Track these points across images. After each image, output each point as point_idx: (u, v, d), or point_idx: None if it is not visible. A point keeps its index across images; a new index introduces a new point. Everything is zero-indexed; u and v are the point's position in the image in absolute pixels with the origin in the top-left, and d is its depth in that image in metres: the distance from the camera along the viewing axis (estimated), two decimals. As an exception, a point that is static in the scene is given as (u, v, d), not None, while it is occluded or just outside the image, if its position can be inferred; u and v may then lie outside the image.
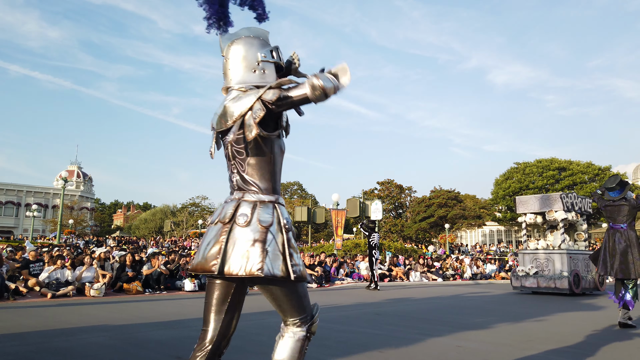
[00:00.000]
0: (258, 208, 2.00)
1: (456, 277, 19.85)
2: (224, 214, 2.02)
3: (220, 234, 1.97)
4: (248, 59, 2.15)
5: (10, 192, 56.90)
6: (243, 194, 2.06)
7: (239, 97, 2.05)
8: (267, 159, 2.07)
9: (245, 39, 2.19)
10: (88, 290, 9.96)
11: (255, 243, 1.92)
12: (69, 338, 5.06)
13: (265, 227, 1.96)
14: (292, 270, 1.94)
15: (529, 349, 4.68)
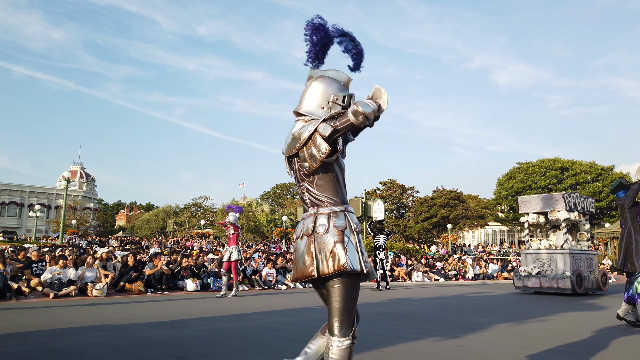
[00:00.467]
0: (332, 217, 2.38)
1: (458, 277, 19.82)
2: (306, 227, 2.43)
3: (309, 245, 2.37)
4: (323, 95, 2.48)
5: (13, 193, 57.08)
6: (317, 208, 2.44)
7: (303, 127, 2.41)
8: (331, 178, 2.43)
9: (328, 79, 2.54)
10: (90, 290, 9.98)
11: (336, 244, 2.29)
12: (71, 338, 5.06)
13: (341, 231, 2.33)
14: (364, 266, 2.30)
15: (531, 349, 4.67)
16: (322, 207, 2.42)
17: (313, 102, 2.49)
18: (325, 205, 2.42)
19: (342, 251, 2.27)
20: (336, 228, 2.34)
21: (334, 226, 2.34)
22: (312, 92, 2.50)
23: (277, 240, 39.30)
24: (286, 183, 68.14)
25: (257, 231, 45.01)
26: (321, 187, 2.43)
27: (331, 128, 2.27)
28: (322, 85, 2.50)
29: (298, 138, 2.39)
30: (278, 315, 7.23)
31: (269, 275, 13.64)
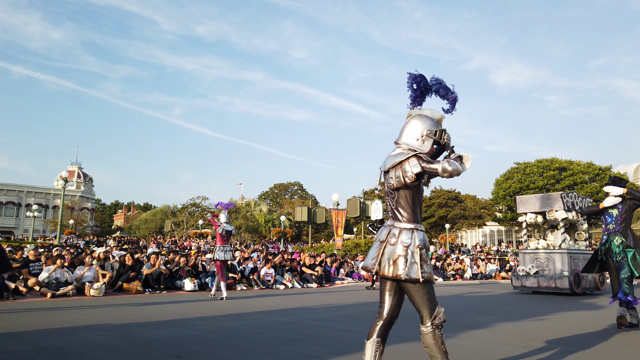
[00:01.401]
0: (402, 233, 2.90)
1: (457, 277, 19.83)
2: (381, 235, 2.99)
3: (379, 248, 2.94)
4: (418, 130, 3.00)
5: (10, 193, 56.92)
6: (394, 222, 2.97)
7: (399, 153, 2.97)
8: (410, 198, 2.94)
9: (424, 116, 3.05)
10: (88, 289, 9.95)
11: (399, 257, 2.84)
12: (68, 337, 5.04)
13: (406, 247, 2.85)
14: (422, 275, 2.82)
15: (529, 347, 4.67)
16: (397, 222, 2.95)
17: (410, 135, 3.01)
18: (399, 221, 2.95)
19: (403, 264, 2.81)
20: (402, 243, 2.86)
21: (401, 241, 2.87)
22: (410, 126, 3.04)
23: (275, 240, 39.27)
24: (284, 183, 68.11)
25: (255, 231, 44.98)
26: (400, 204, 2.95)
27: (420, 169, 2.83)
28: (418, 122, 3.02)
29: (393, 160, 2.95)
30: (276, 315, 7.21)
31: (267, 275, 13.63)
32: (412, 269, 2.81)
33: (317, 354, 4.32)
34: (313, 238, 40.69)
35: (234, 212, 43.40)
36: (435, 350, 2.86)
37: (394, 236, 2.91)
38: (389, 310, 2.98)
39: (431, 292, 2.90)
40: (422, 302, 2.87)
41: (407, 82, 3.15)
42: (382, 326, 2.96)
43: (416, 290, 2.86)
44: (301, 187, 68.13)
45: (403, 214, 2.95)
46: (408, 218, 2.94)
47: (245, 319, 6.73)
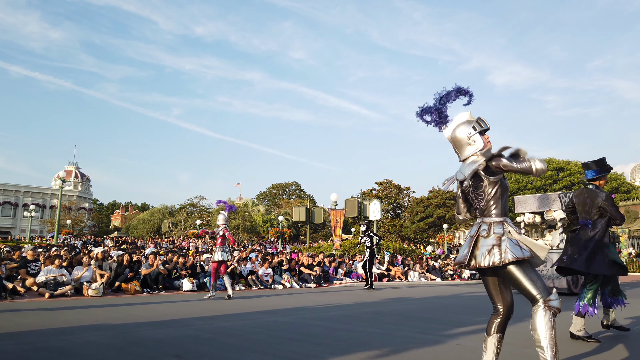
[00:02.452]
0: (493, 225, 3.06)
1: (455, 277, 19.85)
2: (472, 231, 3.16)
3: (470, 243, 3.10)
4: (462, 141, 3.24)
5: (7, 193, 56.76)
6: (483, 218, 3.13)
7: (472, 162, 3.16)
8: (496, 195, 3.10)
9: (456, 128, 3.27)
10: (86, 290, 9.92)
11: (494, 247, 2.97)
12: (66, 337, 5.02)
13: (499, 236, 2.99)
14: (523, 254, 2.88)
15: (529, 347, 4.67)
16: (486, 217, 3.11)
17: (462, 148, 3.25)
18: (488, 216, 3.10)
19: (498, 252, 2.93)
20: (495, 234, 3.01)
21: (493, 232, 3.03)
22: (456, 143, 3.28)
23: (273, 240, 39.25)
24: (282, 183, 68.08)
25: (253, 231, 44.95)
26: (488, 201, 3.10)
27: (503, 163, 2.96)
28: (457, 136, 3.25)
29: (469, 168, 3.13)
30: (275, 315, 7.20)
31: (266, 275, 13.61)
32: (507, 255, 2.90)
33: (316, 353, 4.31)
34: (311, 238, 40.66)
35: (232, 211, 43.38)
36: (540, 334, 2.84)
37: (485, 230, 3.06)
38: (505, 305, 3.09)
39: (534, 274, 2.94)
40: (527, 283, 2.91)
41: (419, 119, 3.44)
42: (500, 322, 3.07)
43: (517, 273, 2.93)
44: (299, 187, 68.10)
45: (492, 209, 3.09)
46: (497, 212, 3.09)
47: (244, 319, 6.72)
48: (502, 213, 3.09)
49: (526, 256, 2.90)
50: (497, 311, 3.13)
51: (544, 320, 2.84)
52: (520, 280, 2.93)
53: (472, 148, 3.21)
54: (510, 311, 3.12)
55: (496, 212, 3.09)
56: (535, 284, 2.92)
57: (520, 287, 2.94)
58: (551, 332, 2.82)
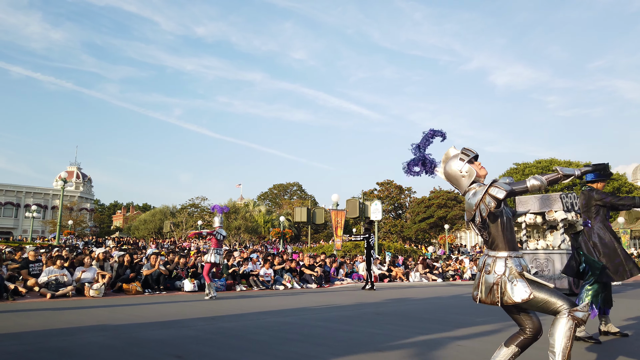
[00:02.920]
0: (496, 261, 3.02)
1: (456, 278, 19.84)
2: (480, 264, 3.16)
3: (479, 278, 3.11)
4: (456, 176, 3.22)
5: (9, 193, 56.87)
6: (489, 251, 3.10)
7: (473, 194, 3.09)
8: (498, 227, 3.05)
9: (446, 166, 3.27)
10: (87, 290, 9.94)
11: (494, 285, 2.98)
12: (68, 338, 5.04)
13: (500, 275, 2.96)
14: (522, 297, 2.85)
15: (530, 347, 4.66)
16: (491, 251, 3.08)
17: (458, 184, 3.23)
18: (493, 250, 3.07)
19: (496, 292, 2.95)
20: (496, 272, 2.99)
21: (494, 270, 3.00)
22: (452, 179, 3.26)
23: (274, 240, 39.26)
24: (283, 184, 68.13)
25: (254, 232, 44.98)
26: (491, 234, 3.07)
27: (505, 193, 2.90)
28: (450, 173, 3.25)
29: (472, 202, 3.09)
30: (276, 315, 7.21)
31: (267, 275, 13.63)
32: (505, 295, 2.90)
33: (317, 354, 4.32)
34: (312, 239, 40.67)
35: (233, 212, 43.42)
36: (556, 340, 2.79)
37: (489, 265, 3.05)
38: (533, 327, 3.01)
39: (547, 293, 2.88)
40: (546, 303, 2.87)
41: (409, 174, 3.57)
42: (525, 340, 3.02)
43: (532, 304, 2.89)
44: (300, 188, 68.13)
45: (496, 243, 3.06)
46: (501, 246, 3.04)
47: (245, 319, 6.72)
48: (507, 247, 3.03)
49: (524, 299, 2.86)
50: (522, 330, 3.05)
51: (564, 328, 2.79)
52: (540, 302, 2.88)
53: (467, 180, 3.19)
54: (539, 332, 3.03)
55: (501, 246, 3.04)
56: (553, 297, 2.86)
57: (543, 307, 2.89)
58: (567, 342, 2.78)
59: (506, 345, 3.05)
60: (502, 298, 2.92)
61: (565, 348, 2.77)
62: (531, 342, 3.02)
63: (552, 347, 2.81)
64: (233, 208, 45.44)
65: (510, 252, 3.02)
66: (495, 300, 2.95)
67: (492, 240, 3.07)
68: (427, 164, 3.45)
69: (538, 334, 3.03)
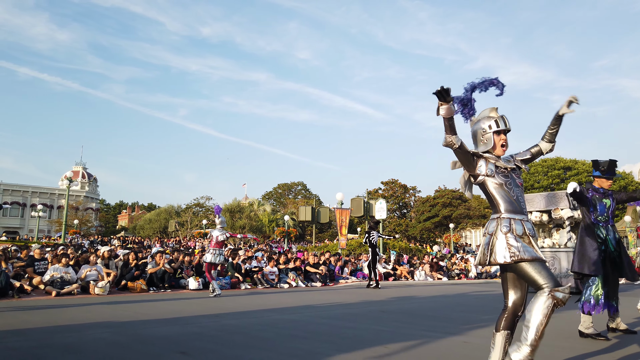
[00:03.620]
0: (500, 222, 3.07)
1: (461, 276, 19.76)
2: (485, 228, 3.22)
3: (483, 241, 3.15)
4: (475, 135, 3.26)
5: (15, 193, 57.15)
6: (493, 214, 3.18)
7: None
8: (489, 191, 3.16)
9: (475, 123, 3.29)
10: (92, 288, 9.96)
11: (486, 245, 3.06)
12: (73, 334, 5.03)
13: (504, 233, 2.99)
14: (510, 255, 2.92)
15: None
16: (496, 213, 3.15)
17: (477, 144, 3.26)
18: (497, 212, 3.14)
19: (487, 250, 3.04)
20: (488, 232, 3.11)
21: (487, 230, 3.13)
22: (473, 137, 3.29)
23: (279, 239, 39.27)
24: (288, 183, 68.13)
25: (259, 231, 45.01)
26: (495, 197, 3.14)
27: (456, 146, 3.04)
28: (474, 130, 3.28)
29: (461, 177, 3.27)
30: (281, 313, 7.19)
31: (271, 273, 13.61)
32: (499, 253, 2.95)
33: (322, 350, 4.29)
34: (317, 238, 40.65)
35: (237, 211, 43.48)
36: (532, 316, 2.78)
37: (492, 227, 3.12)
38: (512, 302, 3.09)
39: (538, 267, 2.89)
40: (532, 275, 2.88)
41: None
42: (507, 318, 3.07)
43: (523, 269, 2.91)
44: (305, 187, 68.12)
45: (500, 205, 3.13)
46: (505, 208, 3.10)
47: (249, 317, 6.71)
48: (501, 209, 3.10)
49: (506, 261, 2.91)
50: (505, 307, 3.14)
51: (542, 305, 2.78)
52: (527, 274, 2.91)
53: (482, 147, 3.20)
54: (518, 309, 3.09)
55: (496, 209, 3.13)
56: (541, 273, 2.88)
57: (528, 279, 2.92)
58: (543, 319, 2.77)
59: (497, 330, 3.07)
60: (489, 257, 2.99)
61: (540, 324, 2.76)
62: (514, 319, 3.07)
63: (527, 322, 2.81)
64: (238, 207, 45.50)
65: (504, 214, 3.08)
66: (484, 260, 3.02)
67: (496, 202, 3.14)
68: (468, 109, 3.34)
69: (517, 311, 3.07)
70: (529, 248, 2.94)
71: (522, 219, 3.07)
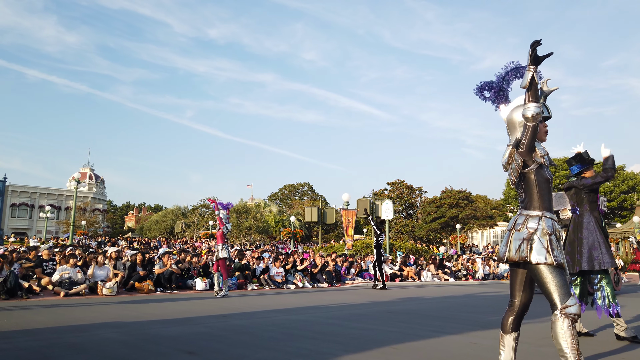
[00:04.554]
0: (528, 219, 2.97)
1: (468, 277, 19.67)
2: (511, 224, 3.07)
3: (508, 237, 3.02)
4: (516, 124, 3.10)
5: (24, 194, 57.58)
6: (522, 211, 3.05)
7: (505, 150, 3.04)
8: (533, 186, 3.00)
9: (515, 110, 3.14)
10: (100, 288, 10.01)
11: (523, 241, 2.90)
12: (81, 334, 5.06)
13: (531, 232, 2.91)
14: (554, 258, 2.82)
15: (545, 345, 4.60)
16: (524, 210, 3.03)
17: (515, 132, 3.11)
18: (526, 208, 3.02)
19: (527, 247, 2.87)
20: (527, 229, 2.93)
21: (526, 227, 2.94)
22: (509, 125, 3.17)
23: (285, 240, 39.29)
24: (294, 184, 68.18)
25: (265, 232, 45.03)
26: (525, 193, 3.03)
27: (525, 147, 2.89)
28: (514, 118, 3.12)
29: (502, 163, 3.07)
30: (287, 313, 7.19)
31: (278, 274, 13.62)
32: (540, 254, 2.83)
33: (329, 350, 4.28)
34: (323, 239, 40.64)
35: (244, 212, 43.55)
36: (561, 344, 2.73)
37: (520, 223, 2.98)
38: (521, 303, 3.05)
39: (560, 279, 2.82)
40: (551, 287, 2.80)
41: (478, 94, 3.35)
42: (515, 318, 3.05)
43: (544, 274, 2.84)
44: (311, 188, 68.15)
45: (528, 202, 3.01)
46: (534, 206, 3.00)
47: (256, 317, 6.71)
48: (541, 207, 2.98)
49: (548, 262, 2.80)
50: (512, 306, 3.08)
51: (562, 329, 2.74)
52: (544, 282, 2.83)
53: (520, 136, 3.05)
54: (525, 309, 3.06)
55: (536, 206, 2.99)
56: (560, 290, 2.80)
57: (543, 288, 2.84)
58: (571, 340, 2.72)
59: (505, 332, 3.04)
60: (528, 254, 2.85)
61: (573, 347, 2.71)
62: (521, 319, 3.06)
63: (562, 352, 2.74)
64: (244, 208, 45.57)
65: (545, 212, 2.97)
66: (524, 256, 2.86)
67: (527, 199, 3.02)
68: (500, 95, 3.26)
69: (525, 310, 3.06)
70: (562, 254, 2.89)
71: (544, 215, 2.99)
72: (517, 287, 3.07)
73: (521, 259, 2.88)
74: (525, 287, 3.05)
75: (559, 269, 2.84)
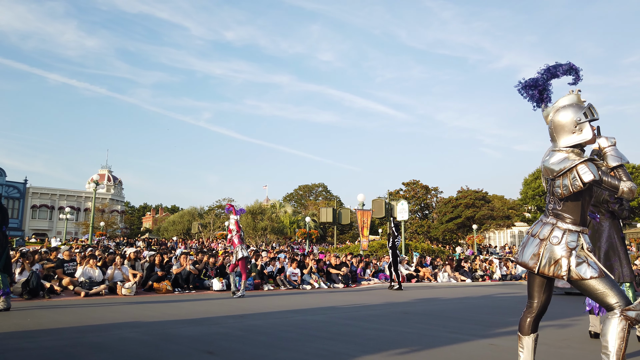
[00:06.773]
0: (567, 234, 2.86)
1: (485, 278, 19.49)
2: (543, 233, 2.93)
3: (539, 247, 2.90)
4: (564, 126, 2.93)
5: (44, 196, 58.68)
6: (557, 221, 2.92)
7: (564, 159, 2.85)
8: (578, 203, 2.89)
9: (562, 108, 2.98)
10: (119, 289, 10.16)
11: (562, 258, 2.81)
12: (102, 333, 5.16)
13: (571, 249, 2.81)
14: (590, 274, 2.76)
15: (565, 347, 4.55)
16: (561, 222, 2.91)
17: (562, 134, 2.94)
18: (564, 221, 2.90)
19: (565, 265, 2.79)
20: (567, 245, 2.83)
21: (565, 242, 2.84)
22: (557, 127, 2.97)
23: (300, 241, 39.37)
24: (309, 185, 68.21)
25: (280, 232, 45.16)
26: (567, 206, 2.90)
27: (592, 177, 2.74)
28: (561, 120, 2.95)
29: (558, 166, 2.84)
30: (304, 314, 7.22)
31: (294, 275, 13.66)
32: (583, 271, 2.77)
33: (347, 351, 4.30)
34: (338, 239, 40.63)
35: (259, 213, 43.74)
36: (609, 342, 2.69)
37: (557, 237, 2.87)
38: (540, 305, 3.02)
39: (609, 283, 2.76)
40: (602, 294, 2.75)
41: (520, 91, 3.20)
42: (533, 319, 3.02)
43: (589, 287, 2.77)
44: (325, 189, 68.13)
45: (569, 216, 2.90)
46: (575, 220, 2.89)
47: (273, 318, 6.75)
48: (580, 222, 2.90)
49: (592, 276, 2.75)
50: (530, 307, 3.05)
51: (617, 329, 2.67)
52: (594, 293, 2.77)
53: (576, 137, 2.89)
54: (544, 310, 3.04)
55: (573, 219, 2.89)
56: (612, 290, 2.74)
57: (595, 298, 2.78)
58: (621, 343, 2.66)
59: (524, 333, 3.01)
60: (569, 273, 2.78)
61: (620, 349, 2.66)
62: (539, 320, 3.04)
63: (606, 349, 2.70)
64: (259, 209, 45.78)
65: (583, 228, 2.90)
66: (560, 274, 2.79)
67: (566, 211, 2.90)
68: (544, 94, 3.12)
69: (543, 311, 3.03)
70: (594, 264, 2.81)
71: (583, 231, 2.91)
72: (535, 288, 3.03)
73: (556, 276, 2.83)
74: (543, 290, 3.02)
75: (604, 277, 2.78)
